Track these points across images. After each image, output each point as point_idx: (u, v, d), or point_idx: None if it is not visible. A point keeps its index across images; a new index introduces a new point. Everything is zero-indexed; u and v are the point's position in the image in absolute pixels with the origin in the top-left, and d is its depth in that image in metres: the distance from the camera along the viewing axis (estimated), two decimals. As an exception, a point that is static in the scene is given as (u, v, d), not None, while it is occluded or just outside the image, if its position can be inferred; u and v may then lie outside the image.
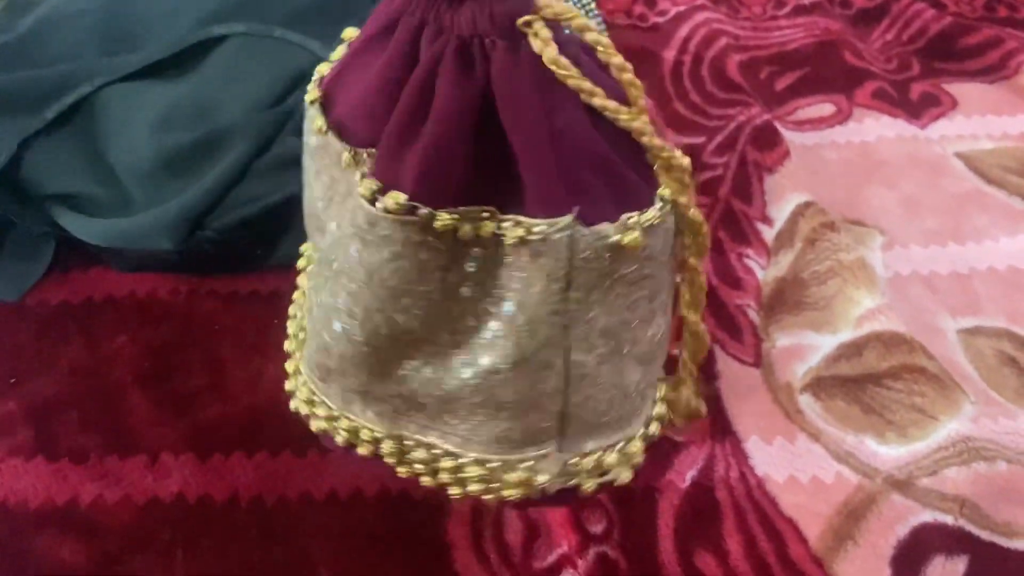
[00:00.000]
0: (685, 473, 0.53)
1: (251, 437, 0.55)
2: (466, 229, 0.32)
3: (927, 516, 0.51)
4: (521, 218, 0.32)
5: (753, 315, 0.62)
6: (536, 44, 0.29)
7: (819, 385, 0.58)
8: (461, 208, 0.31)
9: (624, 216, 0.32)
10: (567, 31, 0.31)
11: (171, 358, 0.60)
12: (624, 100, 0.31)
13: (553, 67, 0.29)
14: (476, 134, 0.31)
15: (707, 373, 0.58)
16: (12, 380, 0.58)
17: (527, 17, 0.29)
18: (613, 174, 0.32)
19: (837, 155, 0.75)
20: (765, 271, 0.65)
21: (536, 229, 0.31)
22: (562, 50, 0.29)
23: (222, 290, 0.65)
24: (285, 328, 0.62)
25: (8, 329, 0.62)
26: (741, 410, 0.57)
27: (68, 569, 0.48)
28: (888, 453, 0.54)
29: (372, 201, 0.32)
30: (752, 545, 0.50)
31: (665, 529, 0.51)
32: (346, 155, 0.35)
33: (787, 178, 0.71)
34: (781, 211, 0.69)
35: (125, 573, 0.48)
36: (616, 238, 0.32)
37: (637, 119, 0.30)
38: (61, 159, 0.65)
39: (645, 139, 0.31)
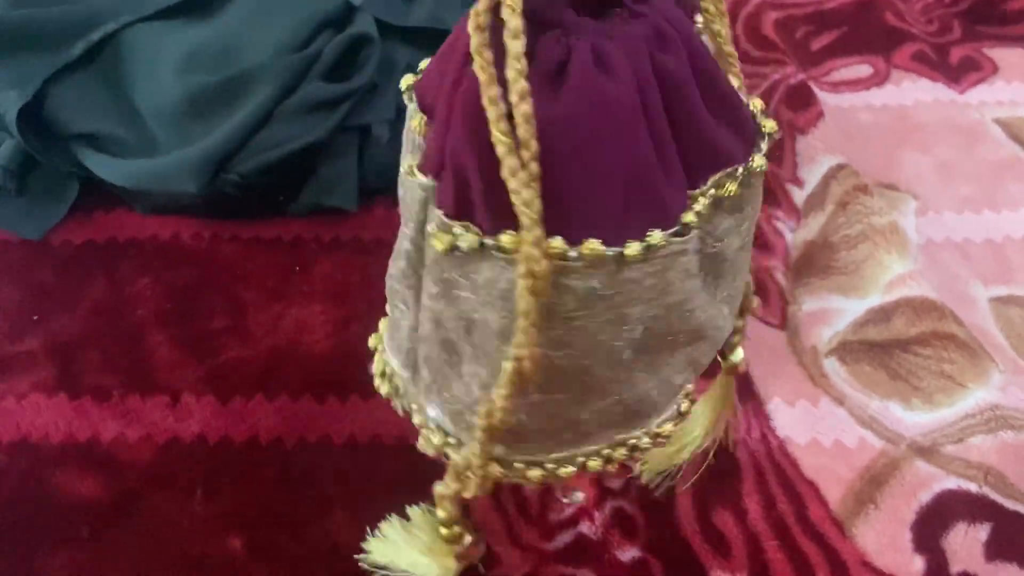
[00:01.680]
0: (706, 432, 0.53)
1: (271, 381, 0.55)
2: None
3: (951, 483, 0.50)
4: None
5: (780, 278, 0.61)
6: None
7: (845, 349, 0.57)
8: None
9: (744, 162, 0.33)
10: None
11: (193, 301, 0.60)
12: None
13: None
14: None
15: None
16: (35, 318, 0.58)
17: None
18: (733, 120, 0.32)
19: (872, 118, 0.73)
20: (794, 234, 0.64)
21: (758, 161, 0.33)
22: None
23: (244, 235, 0.65)
24: (307, 275, 0.62)
25: (31, 268, 0.62)
26: (764, 372, 0.56)
27: (89, 503, 0.49)
28: (913, 419, 0.53)
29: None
30: (771, 506, 0.50)
31: (683, 486, 0.51)
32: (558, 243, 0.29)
33: (820, 140, 0.70)
34: (812, 173, 0.68)
35: (145, 509, 0.48)
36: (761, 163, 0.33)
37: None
38: (86, 98, 0.64)
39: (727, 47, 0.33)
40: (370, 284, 0.61)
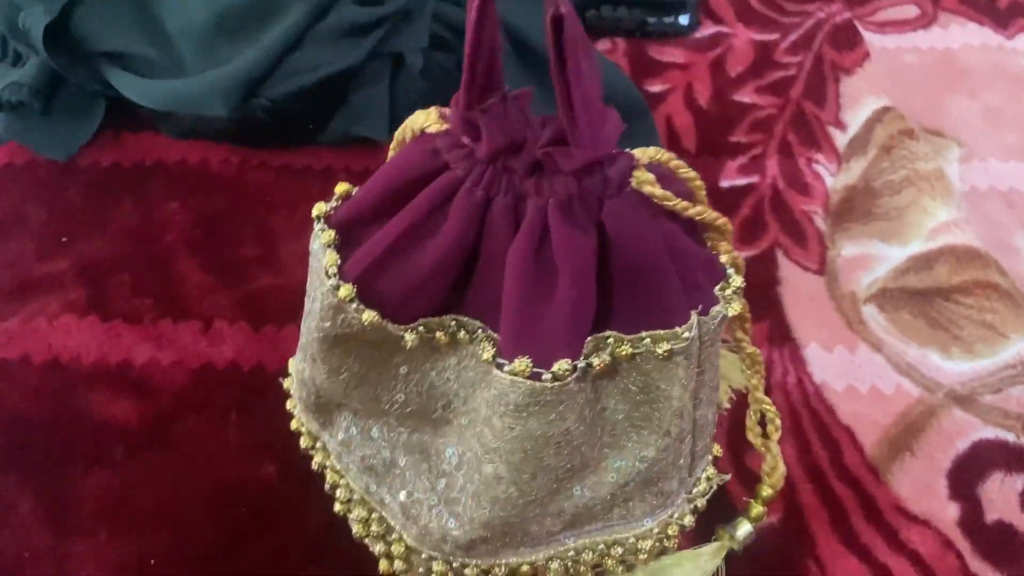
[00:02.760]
0: (741, 375, 0.52)
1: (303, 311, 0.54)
2: (607, 360, 0.34)
3: (988, 433, 0.50)
4: (659, 332, 0.33)
5: (820, 222, 0.60)
6: (647, 188, 0.32)
7: (884, 296, 0.56)
8: (609, 341, 0.34)
9: (719, 289, 0.35)
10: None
11: (223, 228, 0.59)
12: (689, 196, 0.34)
13: (666, 202, 0.33)
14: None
15: (769, 278, 0.57)
16: (64, 239, 0.58)
17: (636, 172, 0.32)
18: (707, 262, 0.35)
19: (918, 60, 0.71)
20: (835, 178, 0.63)
21: (683, 335, 0.33)
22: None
23: (274, 163, 0.64)
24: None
25: (59, 188, 0.61)
26: (802, 317, 0.55)
27: (122, 425, 0.49)
28: (952, 368, 0.52)
29: (529, 376, 0.33)
30: (806, 450, 0.49)
31: (717, 429, 0.50)
32: (487, 349, 0.34)
33: (865, 81, 0.68)
34: (856, 116, 0.66)
35: (179, 433, 0.48)
36: (724, 312, 0.35)
37: (709, 213, 0.34)
38: (113, 16, 0.62)
39: (719, 222, 0.35)
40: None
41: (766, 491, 0.45)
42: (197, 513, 0.46)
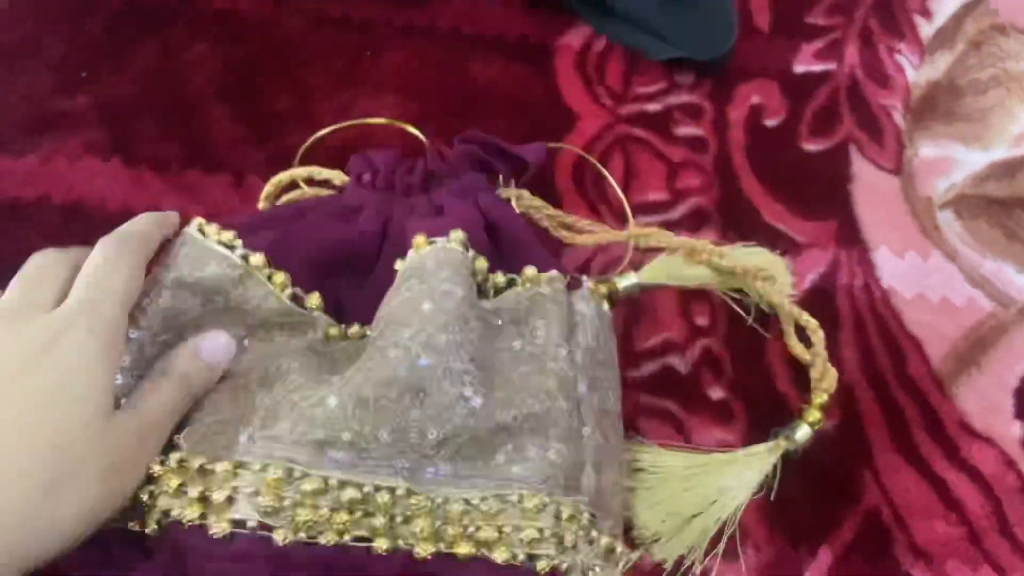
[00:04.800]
0: (805, 276, 0.49)
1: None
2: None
3: (1061, 353, 0.47)
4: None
5: (898, 118, 0.56)
6: (510, 193, 0.44)
7: (962, 203, 0.52)
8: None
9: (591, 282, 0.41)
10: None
11: (254, 77, 0.55)
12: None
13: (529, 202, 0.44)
14: None
15: (840, 175, 0.53)
16: (83, 74, 0.53)
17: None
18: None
19: (1016, -49, 0.65)
20: (917, 71, 0.58)
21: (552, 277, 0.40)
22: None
23: (308, 8, 0.58)
24: (377, 62, 0.56)
25: (78, 21, 0.56)
26: (873, 218, 0.52)
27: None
28: (1028, 284, 0.49)
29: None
30: (869, 357, 0.47)
31: (775, 331, 0.47)
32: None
33: (958, -32, 0.62)
34: (944, 5, 0.61)
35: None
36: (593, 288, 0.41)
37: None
38: None
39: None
40: (445, 80, 0.56)
41: (821, 397, 0.43)
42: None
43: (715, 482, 0.40)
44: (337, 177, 0.44)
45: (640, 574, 0.39)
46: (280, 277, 0.37)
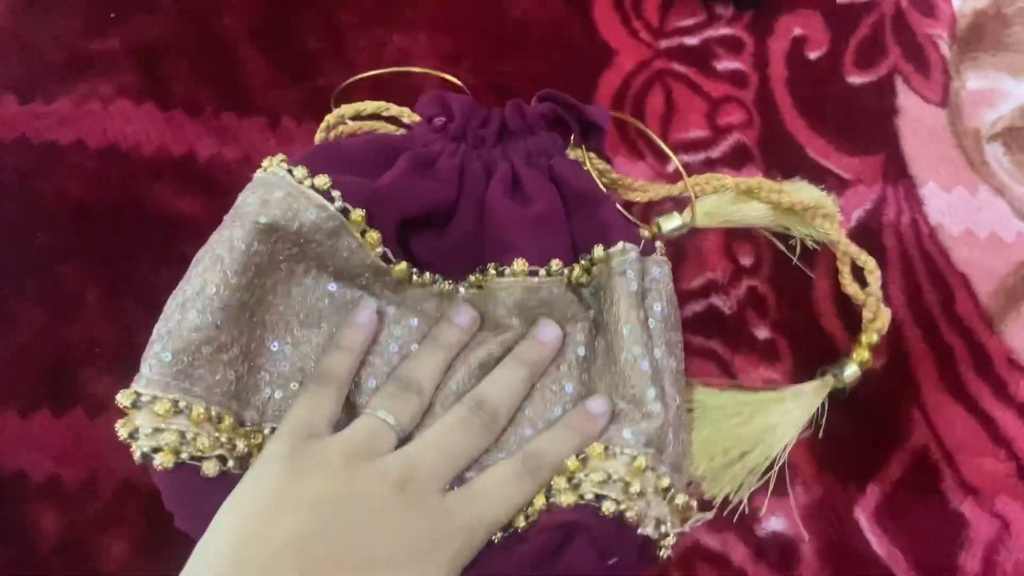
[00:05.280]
0: (851, 213, 0.48)
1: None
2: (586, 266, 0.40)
3: (1112, 289, 0.46)
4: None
5: (945, 48, 0.54)
6: (576, 153, 0.41)
7: (1011, 136, 0.51)
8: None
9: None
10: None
11: (288, 18, 0.54)
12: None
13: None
14: None
15: (886, 108, 0.52)
16: (113, 15, 0.52)
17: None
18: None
19: None
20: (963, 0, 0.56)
21: (627, 248, 0.39)
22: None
23: (339, -55, 0.57)
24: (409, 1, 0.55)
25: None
26: (920, 152, 0.51)
27: (188, 222, 0.45)
28: (1079, 219, 0.48)
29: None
30: (916, 294, 0.46)
31: (821, 269, 0.47)
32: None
33: None
34: (994, -70, 0.59)
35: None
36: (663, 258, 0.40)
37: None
38: None
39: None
40: (480, 16, 0.54)
41: (871, 337, 0.42)
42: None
43: (763, 420, 0.40)
44: (406, 114, 0.42)
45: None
46: (374, 236, 0.36)
